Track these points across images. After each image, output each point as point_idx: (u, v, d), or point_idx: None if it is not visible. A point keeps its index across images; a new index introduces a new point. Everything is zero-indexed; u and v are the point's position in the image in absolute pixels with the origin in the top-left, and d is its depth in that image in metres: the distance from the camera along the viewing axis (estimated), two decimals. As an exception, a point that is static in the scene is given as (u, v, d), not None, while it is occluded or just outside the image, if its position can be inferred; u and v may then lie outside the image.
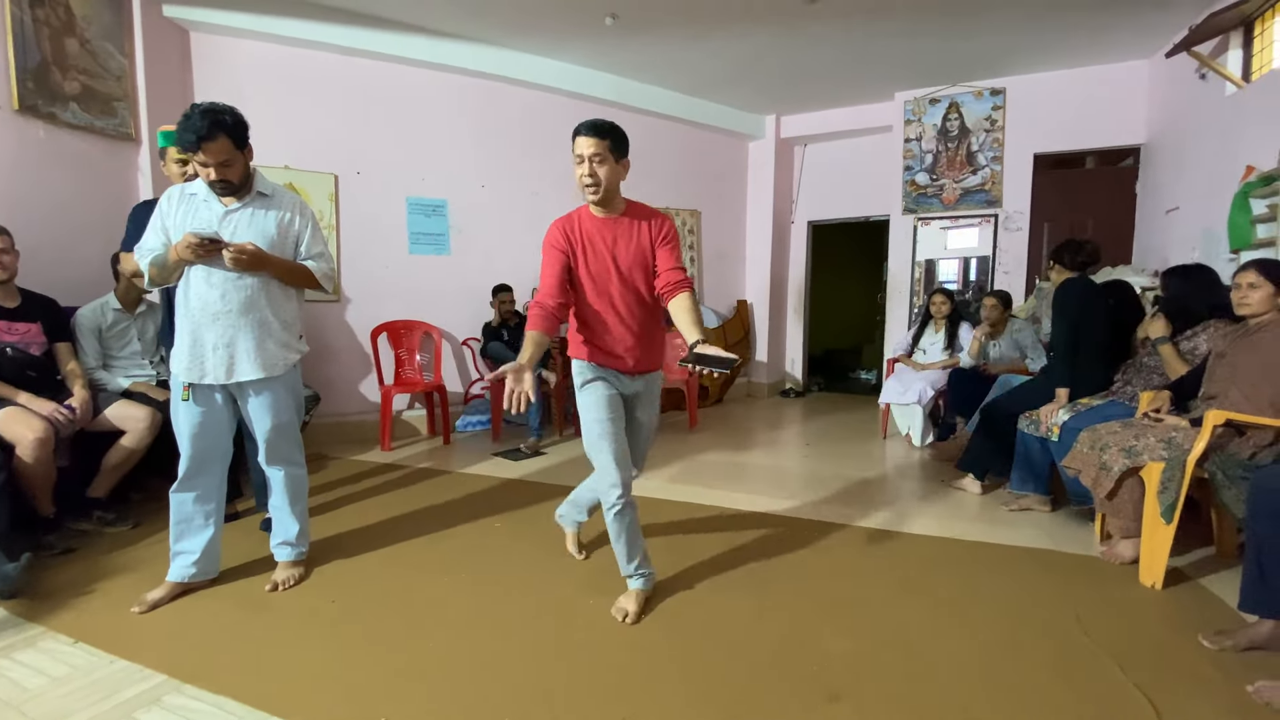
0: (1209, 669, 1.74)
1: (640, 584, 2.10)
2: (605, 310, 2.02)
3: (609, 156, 1.94)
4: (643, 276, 2.02)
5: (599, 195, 1.95)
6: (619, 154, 1.97)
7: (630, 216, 2.04)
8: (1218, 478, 2.15)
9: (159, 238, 2.04)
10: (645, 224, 2.04)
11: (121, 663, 1.77)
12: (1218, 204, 3.55)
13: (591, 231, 2.02)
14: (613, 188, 1.98)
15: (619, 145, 1.96)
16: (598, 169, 1.92)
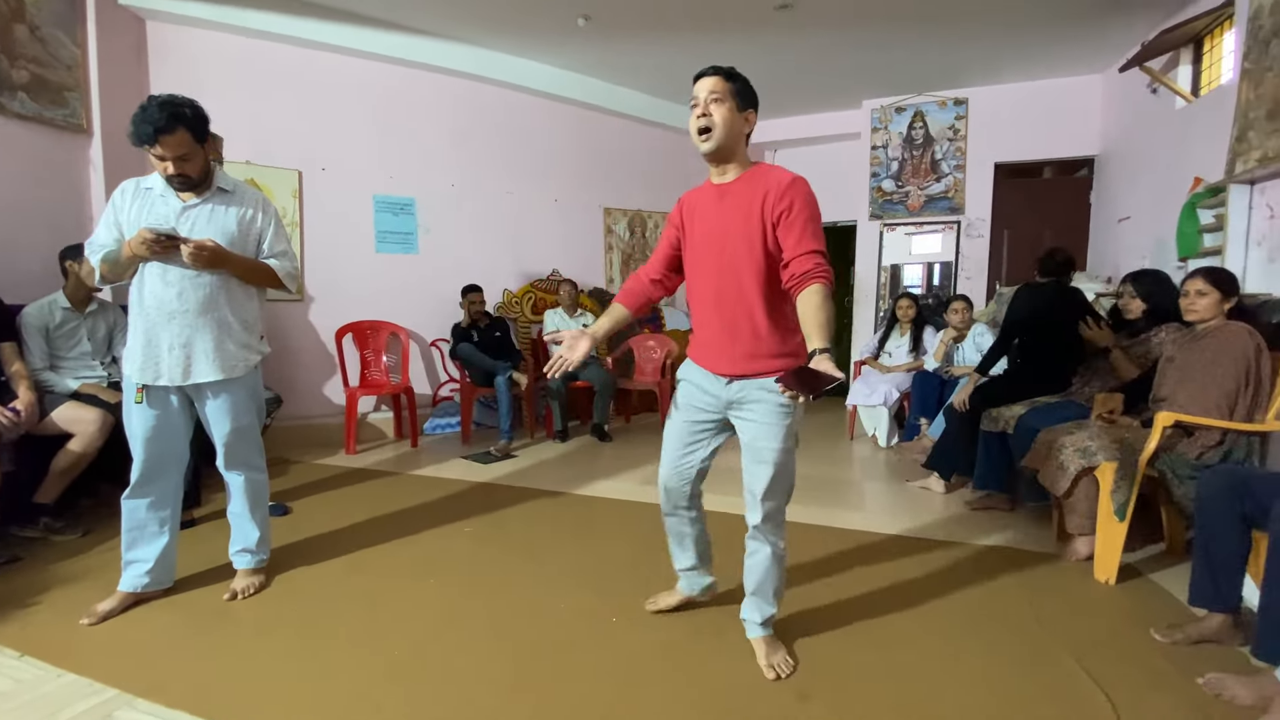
0: (1162, 662, 1.80)
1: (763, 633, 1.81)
2: (702, 297, 1.70)
3: (730, 98, 1.59)
4: (749, 258, 1.60)
5: (712, 143, 1.59)
6: (743, 102, 1.61)
7: (745, 183, 1.63)
8: (1168, 477, 2.24)
9: (111, 233, 1.96)
10: (763, 192, 1.58)
11: (70, 676, 1.69)
12: (1167, 214, 3.70)
13: (702, 201, 1.70)
14: (730, 140, 1.61)
15: (745, 94, 1.62)
16: (713, 108, 1.58)
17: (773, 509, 1.71)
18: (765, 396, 1.62)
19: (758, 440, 1.67)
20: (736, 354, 1.66)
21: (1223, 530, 1.85)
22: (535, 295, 5.34)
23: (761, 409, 1.64)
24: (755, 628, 1.81)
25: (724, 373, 1.69)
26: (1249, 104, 2.92)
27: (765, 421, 1.65)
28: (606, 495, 3.32)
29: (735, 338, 1.65)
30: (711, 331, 1.69)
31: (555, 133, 5.43)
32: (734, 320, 1.64)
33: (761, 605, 1.81)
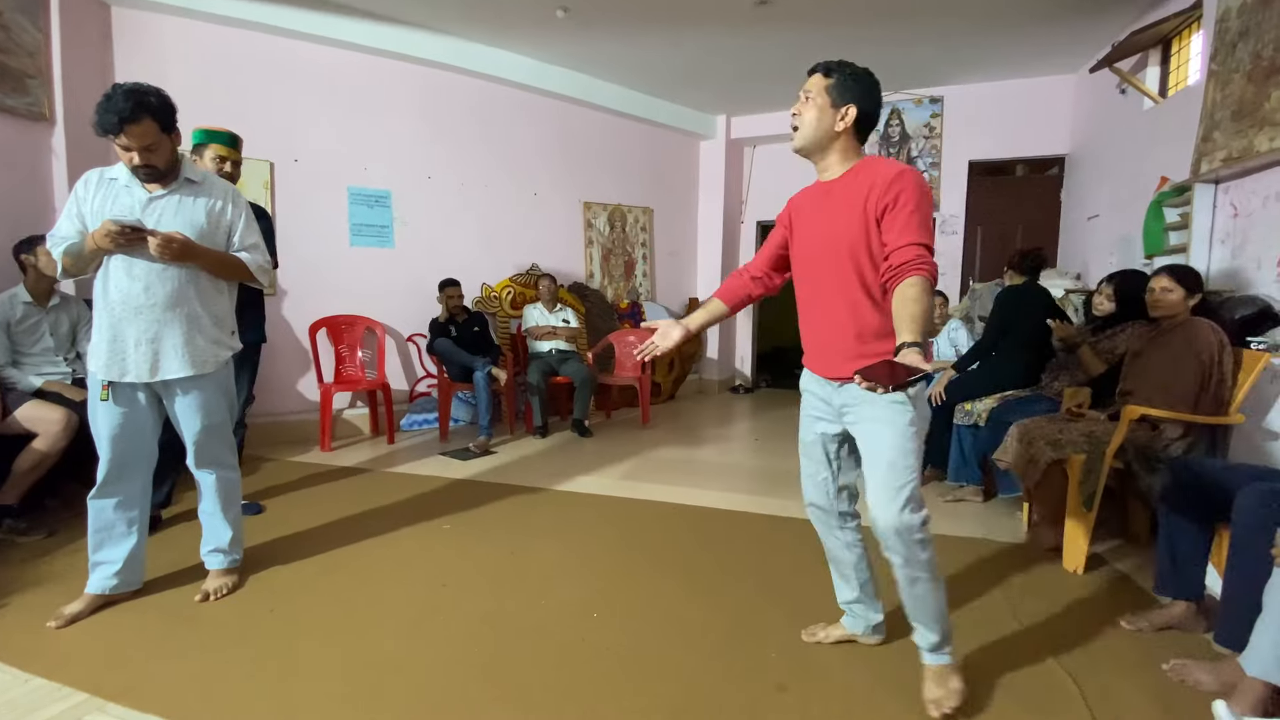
0: (1128, 648, 1.85)
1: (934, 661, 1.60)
2: (808, 299, 1.65)
3: (822, 95, 1.54)
4: (850, 256, 1.52)
5: (796, 143, 1.59)
6: (840, 98, 1.54)
7: (850, 179, 1.55)
8: (1134, 469, 2.30)
9: (74, 225, 1.90)
10: (868, 187, 1.49)
11: (38, 681, 1.65)
12: (1134, 212, 3.79)
13: (809, 200, 1.65)
14: (819, 138, 1.55)
15: (844, 88, 1.54)
16: (803, 107, 1.56)
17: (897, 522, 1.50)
18: (873, 395, 1.44)
19: (868, 442, 1.54)
20: (842, 355, 1.56)
21: (1186, 521, 1.91)
22: (514, 290, 5.30)
23: (871, 408, 1.52)
24: (926, 655, 1.62)
25: (833, 375, 1.60)
26: (1215, 105, 3.00)
27: (878, 419, 1.51)
28: (587, 491, 3.31)
29: (840, 339, 1.57)
30: (817, 334, 1.64)
31: (534, 126, 5.39)
32: (839, 321, 1.56)
33: (921, 630, 1.61)
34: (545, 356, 4.70)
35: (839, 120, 1.54)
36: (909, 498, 1.49)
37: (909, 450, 1.49)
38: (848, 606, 1.85)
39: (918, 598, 1.56)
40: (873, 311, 1.53)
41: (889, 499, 1.49)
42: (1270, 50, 2.65)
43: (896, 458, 1.49)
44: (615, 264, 6.12)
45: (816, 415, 1.69)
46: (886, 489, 1.50)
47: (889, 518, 1.49)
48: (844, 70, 1.55)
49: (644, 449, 4.25)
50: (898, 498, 1.49)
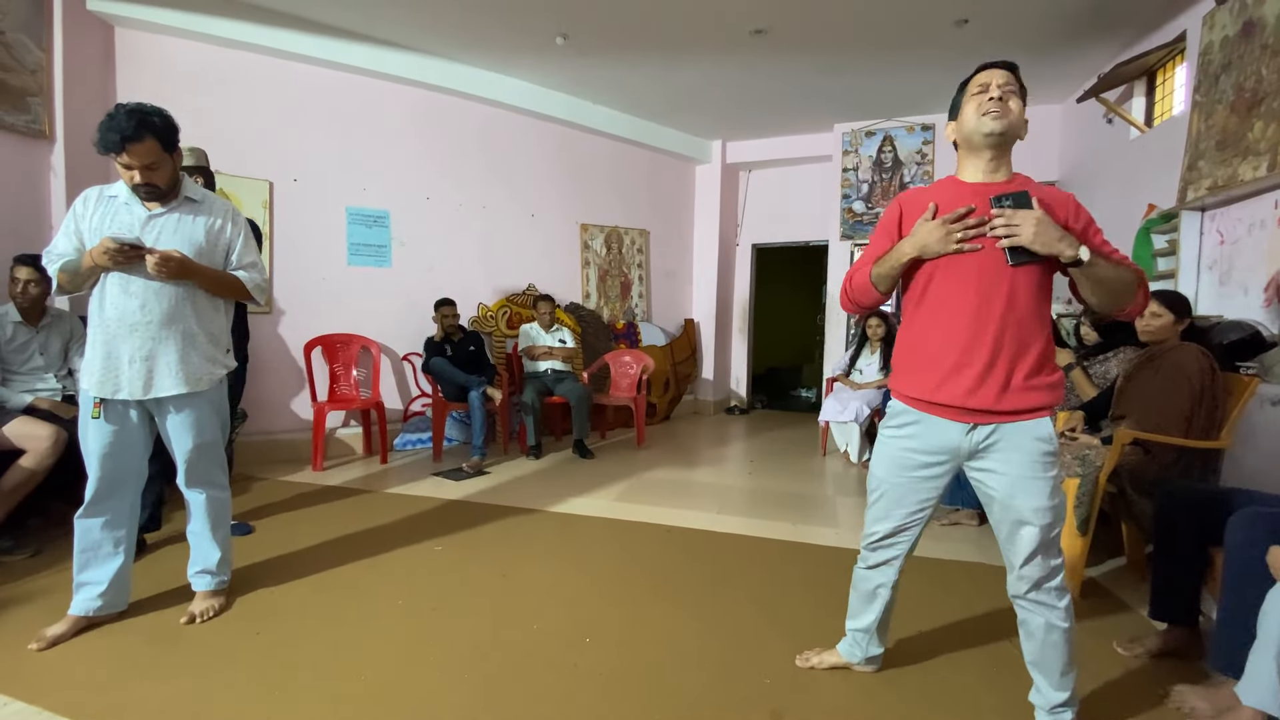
0: (1123, 674, 1.84)
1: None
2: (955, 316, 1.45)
3: (1018, 98, 1.46)
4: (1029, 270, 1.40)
5: (1002, 129, 1.43)
6: (1023, 104, 1.47)
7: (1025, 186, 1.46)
8: (1127, 493, 2.30)
9: (71, 242, 1.90)
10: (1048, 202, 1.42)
11: (17, 704, 1.61)
12: (1122, 239, 3.85)
13: (951, 201, 1.48)
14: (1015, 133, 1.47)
15: (1023, 98, 1.48)
16: (1009, 98, 1.45)
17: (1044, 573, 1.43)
18: (1024, 443, 1.40)
19: (1015, 498, 1.42)
20: (992, 388, 1.40)
21: (1181, 545, 1.91)
22: (510, 310, 5.31)
23: (1018, 457, 1.41)
24: (1038, 712, 1.54)
25: (973, 408, 1.42)
26: (1200, 135, 3.06)
27: (1023, 475, 1.41)
28: (580, 512, 3.29)
29: (992, 368, 1.39)
30: (956, 361, 1.43)
31: (532, 148, 5.45)
32: (996, 345, 1.39)
33: (1044, 688, 1.51)
34: (541, 376, 4.70)
35: (1025, 124, 1.48)
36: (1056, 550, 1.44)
37: (1059, 505, 1.41)
38: (853, 634, 1.82)
39: (1054, 646, 1.46)
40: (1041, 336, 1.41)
41: (1041, 554, 1.42)
42: (1252, 82, 2.72)
43: (1048, 513, 1.40)
44: (611, 285, 6.15)
45: (921, 457, 1.53)
46: (1039, 544, 1.41)
47: (1036, 573, 1.43)
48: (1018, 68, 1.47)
49: (639, 470, 4.23)
50: (1048, 552, 1.42)
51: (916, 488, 1.56)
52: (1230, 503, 1.82)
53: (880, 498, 1.63)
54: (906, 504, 1.59)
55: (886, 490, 1.61)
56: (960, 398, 1.43)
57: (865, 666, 1.84)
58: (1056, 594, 1.45)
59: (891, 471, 1.59)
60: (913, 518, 1.61)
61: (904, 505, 1.60)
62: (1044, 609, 1.46)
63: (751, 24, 4.03)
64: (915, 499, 1.58)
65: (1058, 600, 1.45)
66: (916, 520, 1.62)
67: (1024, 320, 1.39)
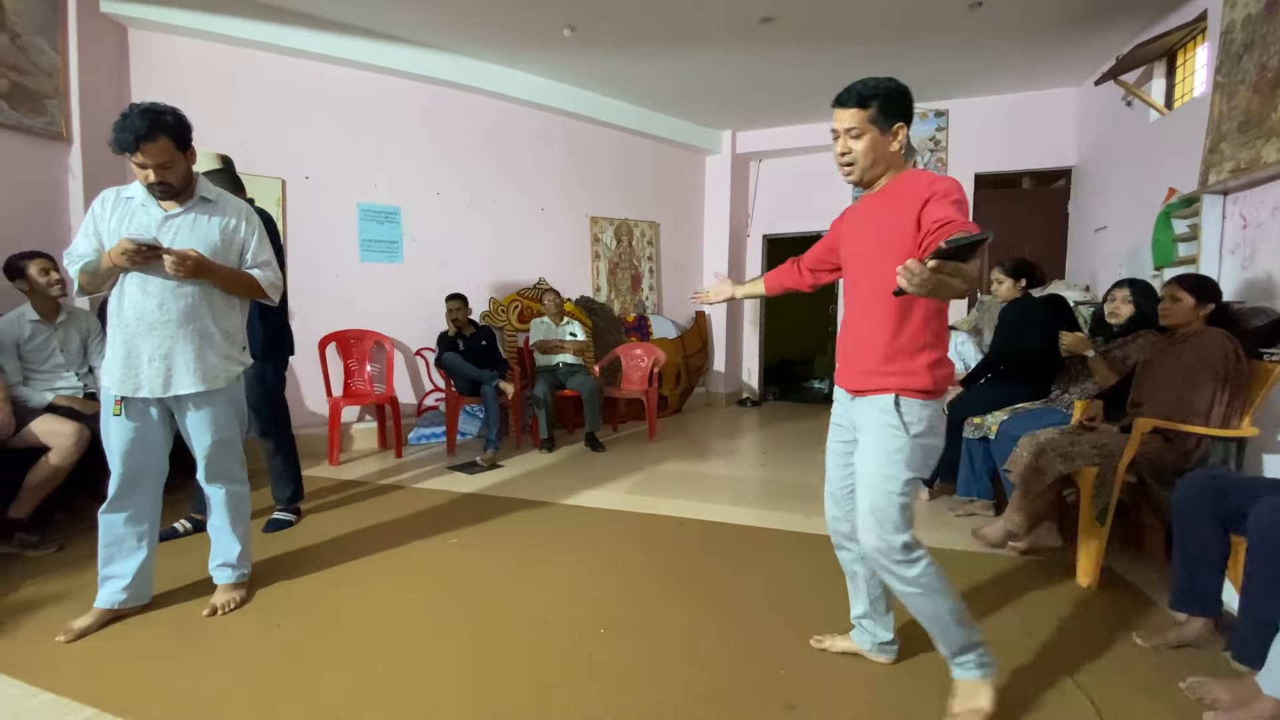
0: (1144, 666, 1.82)
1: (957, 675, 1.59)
2: (848, 309, 1.66)
3: (870, 128, 1.50)
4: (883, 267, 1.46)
5: (855, 176, 1.56)
6: (888, 121, 1.50)
7: (890, 191, 1.55)
8: (1147, 482, 2.27)
9: (90, 243, 1.93)
10: (906, 197, 1.48)
11: (46, 695, 1.65)
12: (1142, 224, 3.78)
13: (855, 213, 1.67)
14: (876, 166, 1.54)
15: (889, 111, 1.50)
16: (852, 144, 1.52)
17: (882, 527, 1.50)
18: (876, 416, 1.53)
19: (860, 461, 1.57)
20: (864, 371, 1.57)
21: (1202, 535, 1.88)
22: (521, 304, 5.33)
23: (869, 428, 1.55)
24: (953, 667, 1.61)
25: (852, 389, 1.62)
26: (1221, 116, 3.00)
27: (870, 439, 1.55)
28: (593, 505, 3.30)
29: (869, 354, 1.56)
30: (848, 347, 1.64)
31: (541, 142, 5.44)
32: (871, 335, 1.55)
33: (942, 645, 1.59)
34: (553, 370, 4.71)
35: (893, 142, 1.53)
36: (887, 519, 1.50)
37: (892, 475, 1.50)
38: (857, 621, 1.86)
39: (917, 610, 1.56)
40: (906, 328, 1.51)
41: (868, 519, 1.52)
42: (1275, 62, 2.65)
43: (879, 481, 1.51)
44: (622, 278, 6.15)
45: (839, 424, 1.72)
46: (868, 509, 1.52)
47: (867, 537, 1.53)
48: (880, 94, 1.49)
49: (651, 463, 4.24)
50: (876, 518, 1.51)
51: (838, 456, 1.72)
52: (1253, 491, 1.79)
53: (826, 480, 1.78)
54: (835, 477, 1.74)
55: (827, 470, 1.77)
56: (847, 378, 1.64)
57: (878, 654, 1.83)
58: (905, 565, 1.51)
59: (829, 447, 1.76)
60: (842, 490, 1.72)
61: (832, 481, 1.74)
62: (889, 575, 1.54)
63: (760, 12, 3.99)
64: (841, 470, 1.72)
65: (908, 570, 1.51)
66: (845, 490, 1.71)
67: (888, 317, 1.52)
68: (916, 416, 1.51)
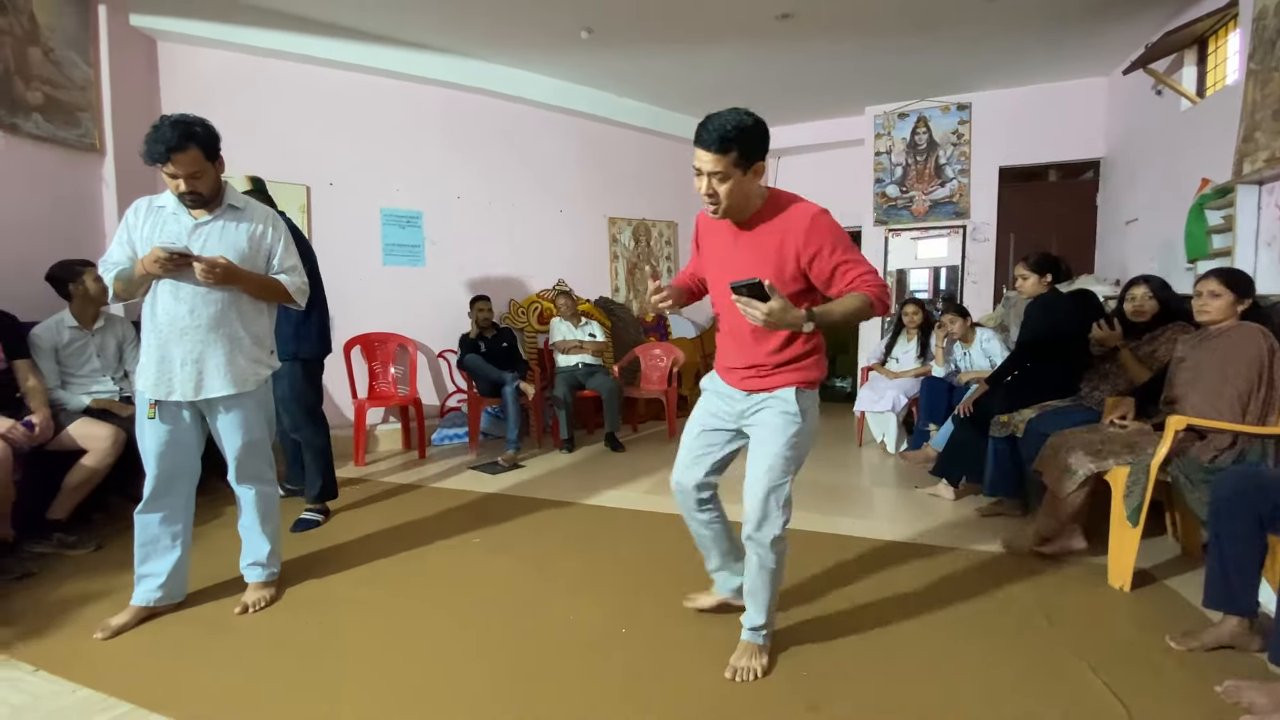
0: (1177, 669, 1.78)
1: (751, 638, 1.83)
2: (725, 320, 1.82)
3: (733, 170, 1.55)
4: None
5: (720, 214, 1.64)
6: (749, 161, 1.56)
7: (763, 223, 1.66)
8: (1180, 481, 2.22)
9: (124, 251, 1.99)
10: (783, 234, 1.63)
11: (84, 691, 1.71)
12: (1175, 215, 3.68)
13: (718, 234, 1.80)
14: (740, 203, 1.62)
15: (749, 151, 1.55)
16: (716, 188, 1.58)
17: (766, 514, 1.73)
18: (773, 404, 1.72)
19: (764, 449, 1.73)
20: (752, 370, 1.73)
21: (1238, 533, 1.83)
22: (541, 305, 5.36)
23: (769, 417, 1.73)
24: (746, 632, 1.85)
25: (744, 388, 1.76)
26: (1255, 104, 2.91)
27: (770, 425, 1.72)
28: (614, 505, 3.31)
29: (753, 356, 1.72)
30: (731, 349, 1.78)
31: (559, 144, 5.47)
32: (753, 340, 1.70)
33: (756, 613, 1.83)
34: (572, 370, 4.73)
35: (754, 177, 1.60)
36: (780, 499, 1.72)
37: (787, 457, 1.70)
38: (714, 574, 2.06)
39: (761, 584, 1.79)
40: (785, 338, 1.68)
41: (766, 502, 1.71)
42: (1314, 47, 2.57)
43: (776, 462, 1.71)
44: (640, 278, 6.15)
45: (714, 414, 1.85)
46: (765, 492, 1.71)
47: (760, 517, 1.72)
48: (739, 135, 1.53)
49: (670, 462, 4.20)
50: (769, 496, 1.71)
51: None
52: (1292, 490, 1.74)
53: None
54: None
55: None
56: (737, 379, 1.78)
57: (736, 598, 2.00)
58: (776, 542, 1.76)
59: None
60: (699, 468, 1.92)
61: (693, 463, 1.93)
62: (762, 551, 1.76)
63: (777, 9, 3.97)
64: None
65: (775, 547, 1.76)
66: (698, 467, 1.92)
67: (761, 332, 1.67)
68: (810, 403, 1.73)
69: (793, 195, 1.67)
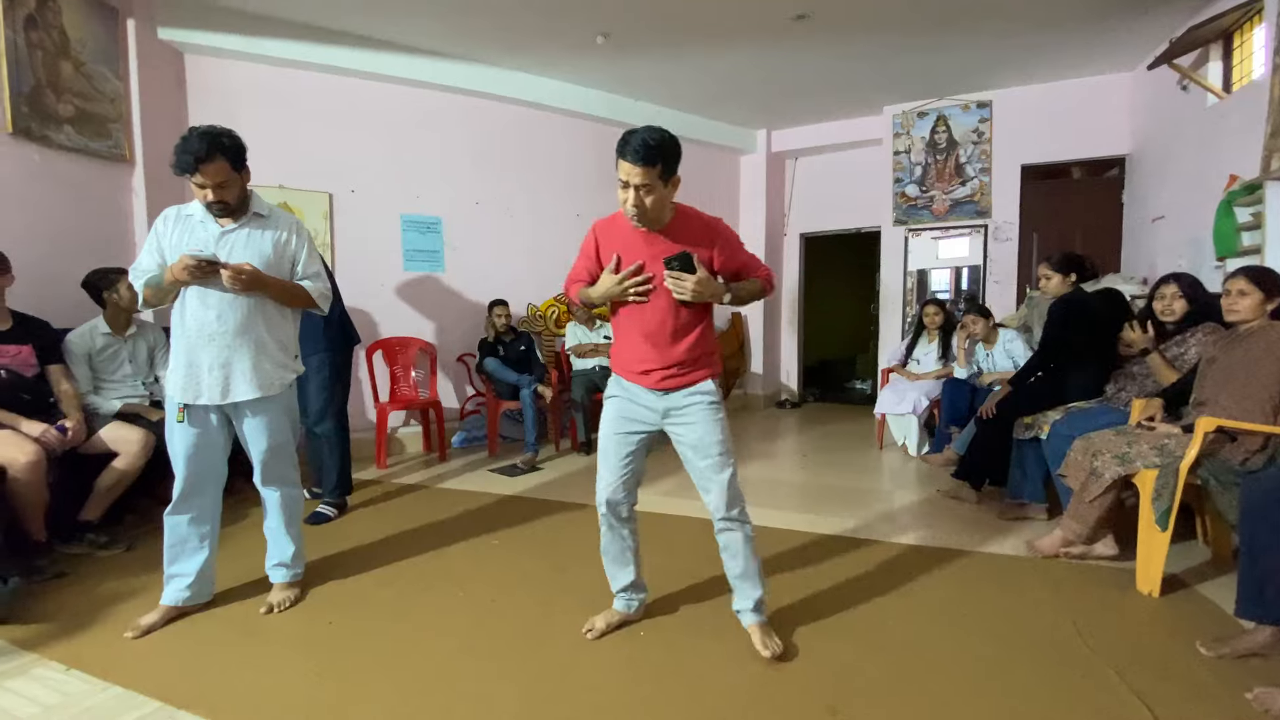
0: (1208, 676, 1.74)
1: (757, 620, 1.95)
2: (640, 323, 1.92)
3: (657, 183, 1.72)
4: None
5: (646, 225, 1.82)
6: (668, 175, 1.75)
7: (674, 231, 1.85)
8: (1211, 484, 2.17)
9: (154, 259, 2.04)
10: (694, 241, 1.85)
11: (115, 689, 1.75)
12: (1203, 212, 3.60)
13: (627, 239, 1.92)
14: (663, 213, 1.82)
15: (669, 165, 1.74)
16: (642, 199, 1.74)
17: (736, 494, 1.89)
18: (700, 399, 1.87)
19: (706, 439, 1.86)
20: (672, 369, 1.85)
21: (1270, 538, 1.78)
22: (558, 309, 5.39)
23: (698, 410, 1.86)
24: (750, 615, 1.94)
25: (662, 387, 1.86)
26: (1285, 98, 2.84)
27: (705, 420, 1.86)
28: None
29: (671, 355, 1.85)
30: (647, 352, 1.86)
31: (576, 148, 5.50)
32: (671, 341, 1.85)
33: (754, 590, 1.94)
34: (589, 373, 4.75)
35: (672, 190, 1.79)
36: (737, 478, 1.89)
37: (723, 441, 1.86)
38: (623, 593, 2.06)
39: (750, 558, 1.91)
40: (701, 333, 1.87)
41: (728, 489, 1.86)
42: (1347, 38, 2.50)
43: (723, 450, 1.86)
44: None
45: (631, 419, 1.92)
46: (725, 481, 1.85)
47: (725, 500, 1.86)
48: (661, 151, 1.69)
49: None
50: (732, 479, 1.87)
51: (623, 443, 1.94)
52: (1327, 493, 1.69)
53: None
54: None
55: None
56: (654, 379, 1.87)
57: (637, 613, 2.09)
58: (745, 513, 1.92)
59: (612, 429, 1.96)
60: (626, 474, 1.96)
61: (618, 470, 1.95)
62: (739, 528, 1.91)
63: (793, 10, 3.96)
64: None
65: (747, 518, 1.93)
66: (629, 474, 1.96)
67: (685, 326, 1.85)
68: (721, 392, 1.92)
69: (694, 209, 1.90)
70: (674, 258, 1.74)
